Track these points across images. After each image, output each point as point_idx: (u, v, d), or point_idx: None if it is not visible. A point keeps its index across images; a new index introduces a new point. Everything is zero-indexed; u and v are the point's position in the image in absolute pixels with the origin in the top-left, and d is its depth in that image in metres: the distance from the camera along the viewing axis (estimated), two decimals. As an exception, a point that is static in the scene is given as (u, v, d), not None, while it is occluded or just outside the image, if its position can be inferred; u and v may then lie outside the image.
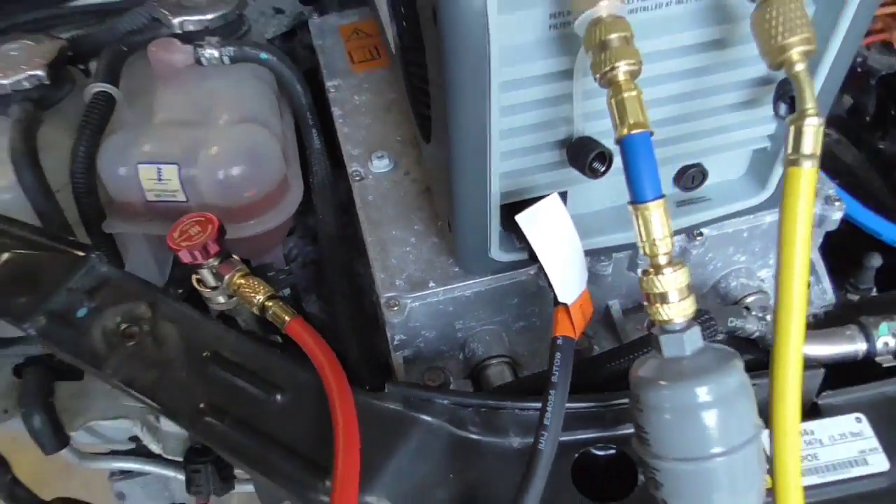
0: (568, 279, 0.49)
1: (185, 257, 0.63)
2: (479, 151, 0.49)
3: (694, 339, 0.42)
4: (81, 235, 0.75)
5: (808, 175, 0.42)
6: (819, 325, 0.67)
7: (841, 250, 0.74)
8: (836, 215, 0.66)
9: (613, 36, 0.42)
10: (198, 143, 0.71)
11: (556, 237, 0.48)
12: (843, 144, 1.08)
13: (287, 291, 0.81)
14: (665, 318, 0.42)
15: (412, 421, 0.57)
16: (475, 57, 0.44)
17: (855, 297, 0.74)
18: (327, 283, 0.76)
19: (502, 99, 0.47)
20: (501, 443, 0.58)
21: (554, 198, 0.48)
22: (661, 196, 0.41)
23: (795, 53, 0.42)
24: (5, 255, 0.64)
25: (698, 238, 0.64)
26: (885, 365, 0.64)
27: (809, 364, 0.60)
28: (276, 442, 0.56)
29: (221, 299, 0.67)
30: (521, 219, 0.48)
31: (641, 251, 0.42)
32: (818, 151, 0.43)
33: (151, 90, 0.79)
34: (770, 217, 0.66)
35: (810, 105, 0.42)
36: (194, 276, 0.67)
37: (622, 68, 0.41)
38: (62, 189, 0.74)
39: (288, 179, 0.77)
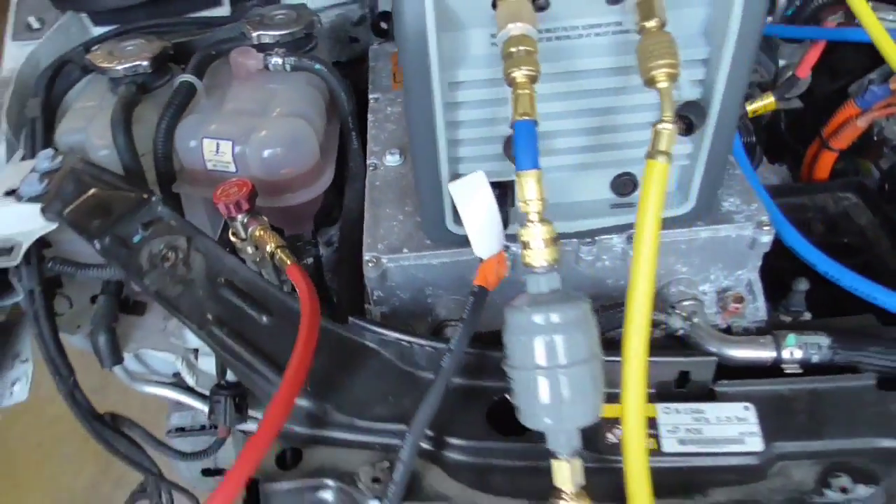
0: (485, 239, 0.62)
1: (222, 209, 0.80)
2: (428, 138, 0.64)
3: (551, 281, 0.54)
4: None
5: (660, 167, 0.54)
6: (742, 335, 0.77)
7: (782, 276, 0.83)
8: (765, 238, 0.75)
9: (520, 48, 0.55)
10: (251, 128, 0.89)
11: (477, 205, 0.61)
12: (860, 208, 1.14)
13: (310, 261, 0.97)
14: (530, 261, 0.54)
15: (365, 349, 0.72)
16: (419, 63, 0.59)
17: (787, 319, 0.82)
18: (338, 252, 0.91)
19: (448, 96, 0.62)
20: (433, 378, 0.71)
21: (480, 174, 0.62)
22: (536, 168, 0.54)
23: (661, 74, 0.55)
24: (92, 191, 0.83)
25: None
26: (787, 371, 0.72)
27: (705, 353, 0.71)
28: (258, 350, 0.71)
29: (250, 250, 0.84)
30: (452, 186, 0.62)
31: (520, 209, 0.55)
32: (671, 150, 0.54)
33: (227, 85, 0.98)
34: (705, 233, 0.76)
35: (668, 114, 0.54)
36: (230, 230, 0.84)
37: (522, 72, 0.55)
38: (146, 154, 0.93)
39: (321, 166, 0.93)
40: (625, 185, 0.71)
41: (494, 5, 0.57)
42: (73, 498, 2.29)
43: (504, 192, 0.68)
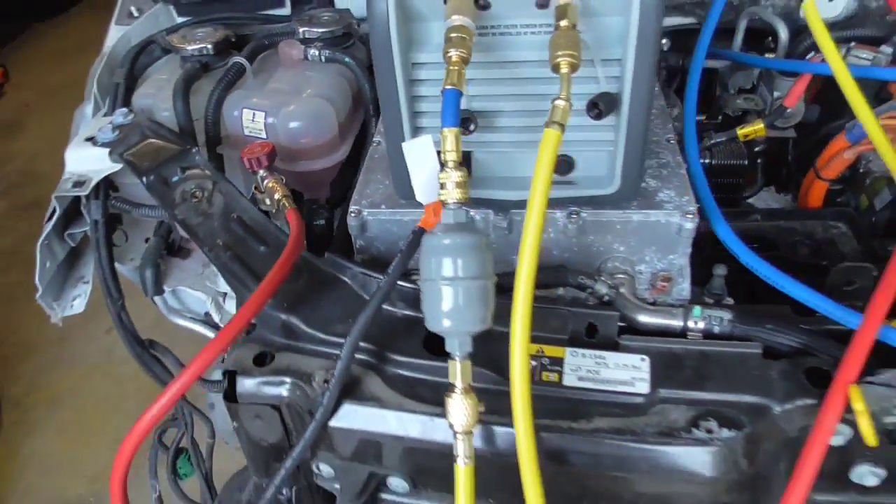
0: (427, 190, 0.76)
1: (245, 163, 0.99)
2: (394, 110, 0.80)
3: (458, 216, 0.69)
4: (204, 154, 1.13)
5: (553, 134, 0.68)
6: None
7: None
8: (689, 225, 0.87)
9: (457, 35, 0.70)
10: (283, 103, 1.08)
11: (423, 162, 0.76)
12: (847, 237, 1.22)
13: (322, 222, 1.14)
14: (445, 198, 0.69)
15: (335, 279, 0.88)
16: (383, 46, 0.75)
17: (709, 301, 0.93)
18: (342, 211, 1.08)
19: (410, 74, 0.78)
20: (391, 309, 0.86)
21: (427, 138, 0.77)
22: (456, 126, 0.69)
23: (563, 62, 0.69)
24: (148, 140, 1.03)
25: (573, 217, 0.88)
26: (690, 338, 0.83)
27: (609, 309, 0.83)
28: (251, 270, 0.88)
29: (267, 201, 1.01)
30: (404, 145, 0.77)
31: (442, 157, 0.69)
32: (564, 122, 0.68)
33: (273, 70, 1.17)
34: (637, 217, 0.88)
35: (564, 94, 0.68)
36: (254, 185, 1.02)
37: (456, 53, 0.70)
38: (199, 119, 1.13)
39: (337, 141, 1.11)
40: (560, 165, 0.84)
41: (446, 1, 0.73)
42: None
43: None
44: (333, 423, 0.79)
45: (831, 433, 0.70)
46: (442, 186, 0.69)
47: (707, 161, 1.27)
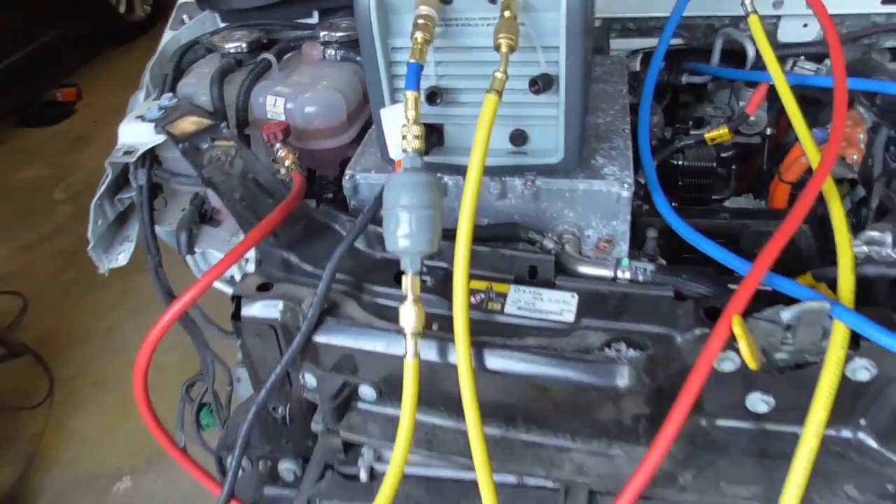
0: (397, 148, 0.94)
1: (263, 137, 1.19)
2: (377, 87, 0.98)
3: (415, 161, 0.86)
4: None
5: (492, 99, 0.86)
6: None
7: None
8: (625, 193, 1.03)
9: (421, 21, 0.89)
10: (300, 92, 1.28)
11: (395, 125, 0.94)
12: (806, 237, 1.35)
13: (330, 196, 1.32)
14: (406, 147, 0.87)
15: (327, 226, 1.06)
16: (366, 34, 0.94)
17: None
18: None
19: (391, 56, 0.96)
20: (369, 251, 1.04)
21: (399, 105, 0.95)
22: (416, 90, 0.87)
23: (503, 44, 0.86)
24: (186, 117, 1.24)
25: (529, 183, 1.04)
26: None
27: (545, 254, 0.99)
28: (259, 217, 1.07)
29: (282, 171, 1.21)
30: (382, 111, 0.95)
31: (404, 115, 0.87)
32: (501, 90, 0.86)
33: (296, 67, 1.38)
34: (583, 185, 1.04)
35: (502, 69, 0.86)
36: (272, 156, 1.22)
37: (420, 35, 0.88)
38: (231, 105, 1.34)
39: (345, 127, 1.30)
40: (515, 137, 1.02)
41: (416, -6, 0.92)
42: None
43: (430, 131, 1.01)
44: (316, 337, 0.96)
45: (716, 354, 0.85)
46: (403, 138, 0.87)
47: (679, 163, 1.43)
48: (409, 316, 0.85)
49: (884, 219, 1.05)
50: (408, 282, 0.86)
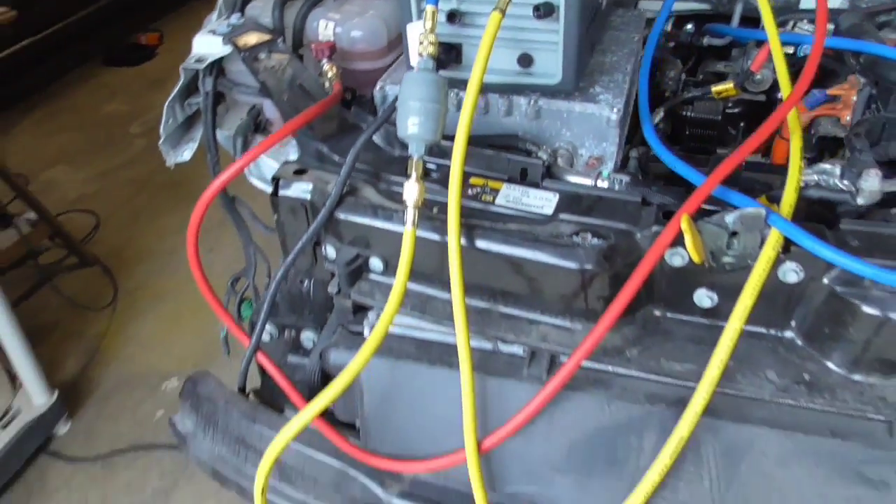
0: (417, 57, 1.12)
1: (313, 52, 1.38)
2: (406, 4, 1.16)
3: (427, 64, 1.04)
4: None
5: (496, 16, 1.02)
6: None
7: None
8: (613, 116, 1.18)
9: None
10: (349, 17, 1.46)
11: (417, 37, 1.11)
12: None
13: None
14: (422, 51, 1.04)
15: (355, 126, 1.25)
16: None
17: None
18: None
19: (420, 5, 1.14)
20: (389, 149, 1.23)
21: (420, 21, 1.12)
22: (435, 5, 1.04)
23: (510, -29, 1.03)
24: (250, 32, 1.44)
25: (532, 102, 1.21)
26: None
27: (534, 158, 1.16)
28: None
29: (326, 84, 1.40)
30: (409, 26, 1.13)
31: (426, 29, 1.05)
32: (505, 8, 1.02)
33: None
34: (578, 107, 1.20)
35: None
36: (318, 70, 1.41)
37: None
38: (289, 27, 1.53)
39: (385, 52, 1.48)
40: (521, 60, 1.18)
41: (445, -71, 1.09)
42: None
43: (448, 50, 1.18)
44: (337, 213, 1.15)
45: (666, 245, 1.00)
46: (420, 44, 1.05)
47: (687, 114, 1.57)
48: (412, 191, 1.03)
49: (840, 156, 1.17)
50: (413, 163, 1.04)
